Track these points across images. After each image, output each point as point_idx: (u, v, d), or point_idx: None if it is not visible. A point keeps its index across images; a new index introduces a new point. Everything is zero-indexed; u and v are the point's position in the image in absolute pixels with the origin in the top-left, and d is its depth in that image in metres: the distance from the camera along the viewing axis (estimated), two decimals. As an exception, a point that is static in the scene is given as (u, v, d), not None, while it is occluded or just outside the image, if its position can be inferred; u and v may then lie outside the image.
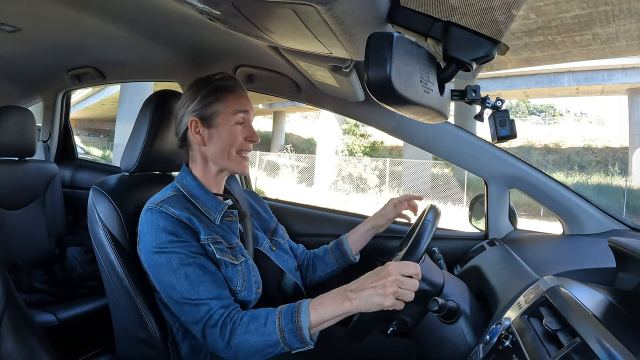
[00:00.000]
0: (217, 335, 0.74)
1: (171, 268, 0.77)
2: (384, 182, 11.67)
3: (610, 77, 11.77)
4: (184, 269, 0.77)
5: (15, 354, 0.67)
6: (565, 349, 0.52)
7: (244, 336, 0.73)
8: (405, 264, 0.72)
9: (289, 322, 0.73)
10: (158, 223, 0.79)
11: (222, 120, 0.87)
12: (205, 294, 0.77)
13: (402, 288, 0.69)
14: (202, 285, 0.77)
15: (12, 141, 1.60)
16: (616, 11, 5.34)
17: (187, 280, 0.77)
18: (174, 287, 0.77)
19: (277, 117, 18.07)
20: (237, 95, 0.88)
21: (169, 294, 0.79)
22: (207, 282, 0.78)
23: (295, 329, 0.72)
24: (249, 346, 0.73)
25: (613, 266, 0.76)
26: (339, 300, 0.72)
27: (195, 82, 0.90)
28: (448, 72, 0.58)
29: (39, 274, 1.50)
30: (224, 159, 0.88)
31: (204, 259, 0.80)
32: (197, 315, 0.76)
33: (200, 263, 0.79)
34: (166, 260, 0.78)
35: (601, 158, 13.83)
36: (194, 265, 0.78)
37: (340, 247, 1.10)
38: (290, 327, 0.72)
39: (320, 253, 1.12)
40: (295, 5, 0.48)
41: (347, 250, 1.09)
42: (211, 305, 0.76)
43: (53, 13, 1.14)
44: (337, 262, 1.10)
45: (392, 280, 0.69)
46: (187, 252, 0.79)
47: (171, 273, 0.77)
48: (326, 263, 1.10)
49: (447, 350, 0.82)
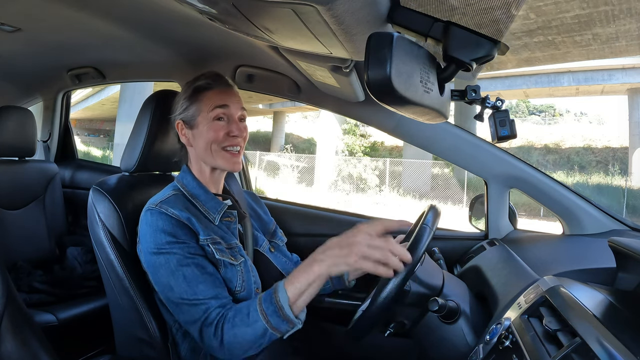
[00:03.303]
0: (212, 334, 0.74)
1: (169, 269, 0.78)
2: (384, 182, 11.67)
3: (610, 77, 11.77)
4: (182, 269, 0.77)
5: (15, 354, 0.67)
6: (565, 349, 0.52)
7: (232, 331, 0.74)
8: (374, 223, 0.72)
9: (269, 304, 0.73)
10: (157, 224, 0.80)
11: (202, 120, 0.88)
12: (203, 294, 0.77)
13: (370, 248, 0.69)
14: (200, 286, 0.77)
15: (12, 141, 1.60)
16: (616, 11, 5.34)
17: (185, 280, 0.77)
18: (172, 287, 0.77)
19: (277, 117, 18.06)
20: (216, 92, 0.88)
21: (167, 295, 0.79)
22: (205, 283, 0.78)
23: (276, 309, 0.72)
24: (239, 340, 0.73)
25: (613, 266, 0.76)
26: (308, 266, 0.73)
27: (184, 85, 0.92)
28: (448, 72, 0.58)
29: (39, 274, 1.50)
30: (209, 157, 0.88)
31: (203, 260, 0.80)
32: (194, 315, 0.76)
33: (199, 263, 0.79)
34: (164, 261, 0.78)
35: (601, 158, 13.84)
36: (192, 265, 0.78)
37: None
38: (271, 309, 0.72)
39: None
40: (295, 5, 0.48)
41: (344, 275, 1.05)
42: (209, 304, 0.76)
43: (53, 13, 1.14)
44: (331, 282, 1.06)
45: (359, 240, 0.69)
46: (185, 253, 0.79)
47: (169, 274, 0.78)
48: None
49: (447, 350, 0.82)
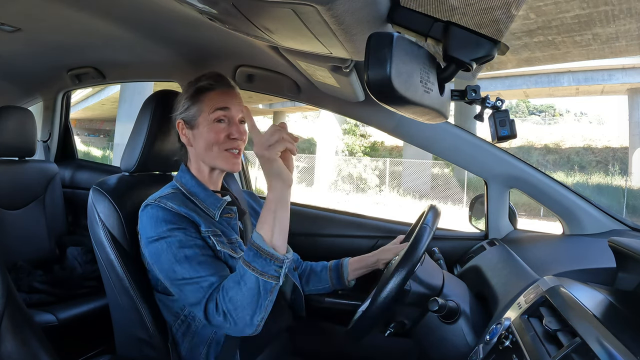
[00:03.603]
0: (214, 311, 0.74)
1: (171, 252, 0.78)
2: (384, 182, 11.67)
3: (610, 77, 11.76)
4: (184, 250, 0.78)
5: (15, 354, 0.67)
6: (565, 349, 0.52)
7: (227, 296, 0.73)
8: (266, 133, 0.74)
9: (249, 251, 0.74)
10: (157, 215, 0.80)
11: (202, 120, 0.88)
12: (204, 272, 0.77)
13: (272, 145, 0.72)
14: (202, 265, 0.78)
15: (12, 141, 1.60)
16: (616, 11, 5.34)
17: (187, 260, 0.77)
18: (174, 270, 0.77)
19: (277, 117, 18.06)
20: (218, 93, 0.89)
21: (170, 279, 0.79)
22: (206, 263, 0.78)
23: (257, 252, 0.73)
24: (237, 303, 0.73)
25: (613, 266, 0.76)
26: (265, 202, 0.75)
27: (185, 85, 0.92)
28: (448, 72, 0.58)
29: (39, 274, 1.50)
30: (210, 157, 0.88)
31: (204, 245, 0.81)
32: (198, 295, 0.76)
33: (200, 245, 0.80)
34: (166, 246, 0.78)
35: (601, 158, 13.83)
36: (194, 247, 0.79)
37: (338, 269, 1.08)
38: (251, 254, 0.73)
39: (317, 268, 1.11)
40: (295, 5, 0.48)
41: (344, 274, 1.07)
42: (211, 280, 0.76)
43: (53, 13, 1.14)
44: (331, 282, 1.08)
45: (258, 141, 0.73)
46: (187, 236, 0.79)
47: (171, 256, 0.78)
48: (321, 279, 1.09)
49: (447, 350, 0.82)
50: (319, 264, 1.12)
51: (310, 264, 1.12)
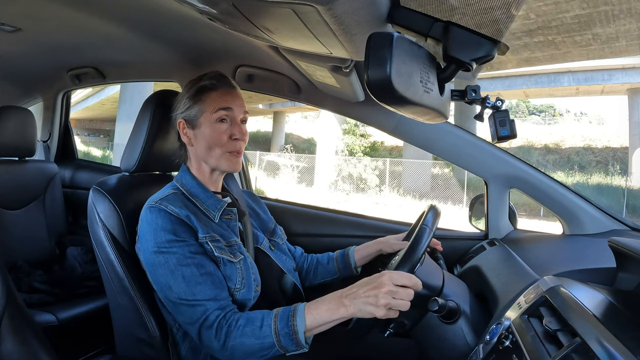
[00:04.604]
0: (212, 336, 0.75)
1: (168, 268, 0.78)
2: (384, 182, 11.67)
3: (610, 77, 11.76)
4: (182, 269, 0.78)
5: (15, 354, 0.67)
6: (565, 349, 0.52)
7: (240, 339, 0.74)
8: (399, 275, 0.71)
9: (285, 325, 0.73)
10: (157, 222, 0.80)
11: (204, 120, 0.88)
12: (201, 295, 0.77)
13: (395, 299, 0.69)
14: (199, 286, 0.77)
15: (12, 141, 1.60)
16: (616, 11, 5.35)
17: (184, 280, 0.77)
18: (170, 287, 0.78)
19: (277, 117, 18.05)
20: (220, 93, 0.88)
21: (165, 294, 0.79)
22: (204, 283, 0.78)
23: (290, 333, 0.72)
24: (245, 349, 0.74)
25: (613, 266, 0.76)
26: (335, 306, 0.72)
27: (186, 84, 0.92)
28: (448, 72, 0.58)
29: (39, 274, 1.50)
30: (211, 158, 0.88)
31: (203, 259, 0.80)
32: (193, 316, 0.76)
33: (199, 263, 0.79)
34: (164, 261, 0.78)
35: (601, 158, 13.83)
36: (191, 265, 0.78)
37: (345, 258, 1.10)
38: (285, 330, 0.73)
39: (324, 260, 1.13)
40: (295, 5, 0.48)
41: (351, 262, 1.10)
42: (207, 306, 0.76)
43: (53, 13, 1.14)
44: (339, 271, 1.10)
45: (385, 292, 0.69)
46: (185, 252, 0.79)
47: (168, 273, 0.78)
48: (328, 270, 1.11)
49: (447, 350, 0.82)
50: (324, 255, 1.14)
51: (316, 257, 1.14)
